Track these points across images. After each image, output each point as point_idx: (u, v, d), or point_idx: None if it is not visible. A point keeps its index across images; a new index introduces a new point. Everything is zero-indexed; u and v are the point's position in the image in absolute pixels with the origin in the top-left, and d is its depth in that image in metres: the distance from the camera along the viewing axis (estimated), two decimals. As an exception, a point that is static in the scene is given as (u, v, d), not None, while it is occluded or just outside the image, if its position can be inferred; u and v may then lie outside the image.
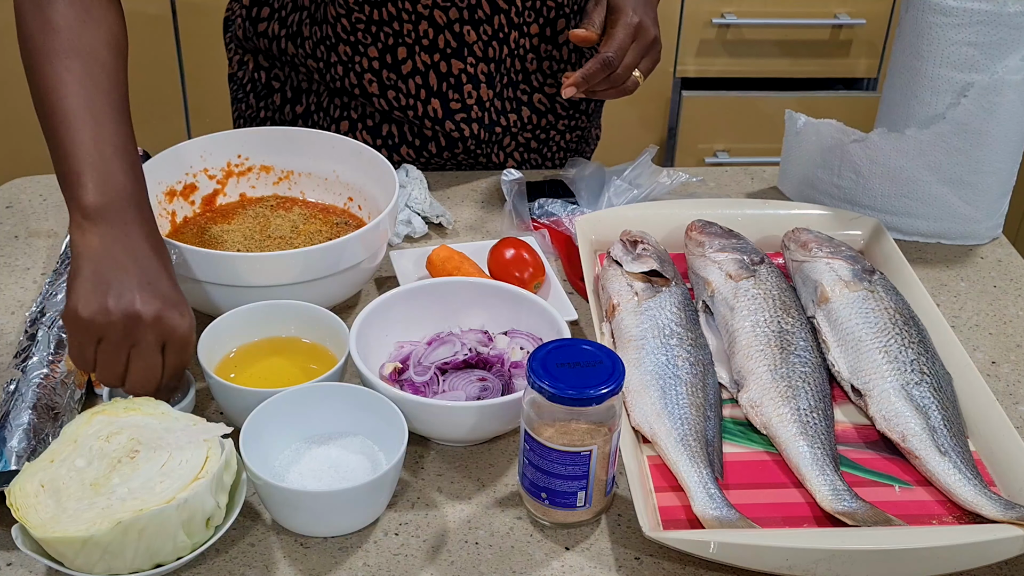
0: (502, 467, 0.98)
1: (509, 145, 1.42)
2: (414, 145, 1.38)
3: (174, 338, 0.91)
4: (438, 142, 1.37)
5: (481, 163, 1.42)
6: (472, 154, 1.40)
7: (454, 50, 1.30)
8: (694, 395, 0.99)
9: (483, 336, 1.04)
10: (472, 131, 1.36)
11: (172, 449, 0.87)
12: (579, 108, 1.44)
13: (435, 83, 1.31)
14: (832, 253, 1.14)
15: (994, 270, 1.27)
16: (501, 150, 1.42)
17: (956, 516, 0.92)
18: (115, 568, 0.82)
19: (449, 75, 1.31)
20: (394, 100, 1.33)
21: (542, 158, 1.46)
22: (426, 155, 1.39)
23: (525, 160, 1.45)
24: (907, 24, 1.25)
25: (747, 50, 2.50)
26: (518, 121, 1.39)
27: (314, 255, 1.05)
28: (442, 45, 1.29)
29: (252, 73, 1.41)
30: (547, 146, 1.45)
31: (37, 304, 1.06)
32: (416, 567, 0.88)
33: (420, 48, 1.29)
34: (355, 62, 1.31)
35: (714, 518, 0.88)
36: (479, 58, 1.31)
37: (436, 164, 1.40)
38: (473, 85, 1.32)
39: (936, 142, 1.24)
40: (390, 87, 1.32)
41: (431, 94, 1.32)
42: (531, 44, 1.34)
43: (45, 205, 1.33)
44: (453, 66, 1.30)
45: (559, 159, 1.48)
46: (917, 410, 0.98)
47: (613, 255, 1.15)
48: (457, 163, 1.41)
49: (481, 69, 1.32)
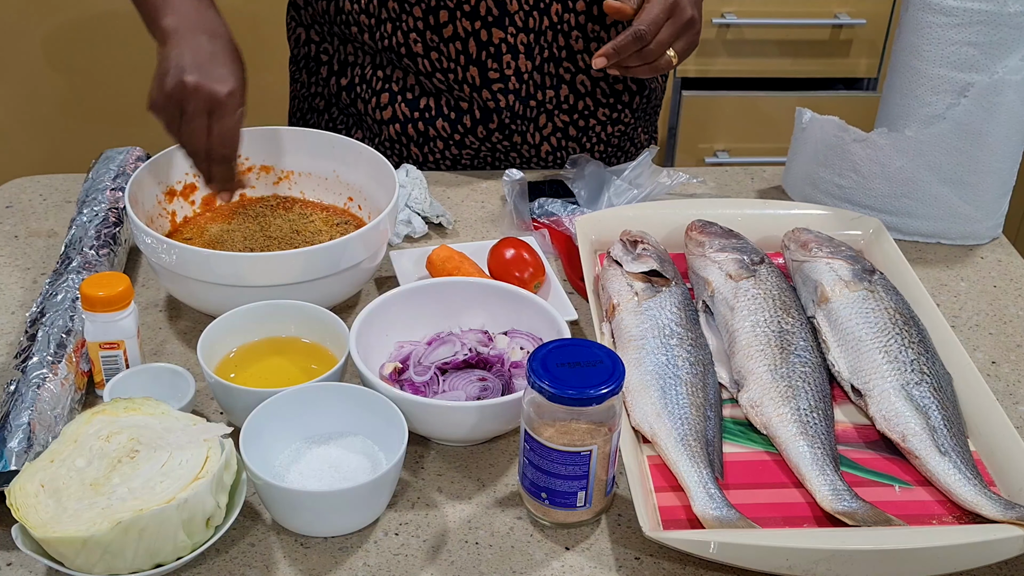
0: (502, 467, 0.98)
1: (546, 127, 1.41)
2: (450, 119, 1.38)
3: (213, 104, 1.06)
4: (473, 115, 1.38)
5: (516, 144, 1.41)
6: (507, 131, 1.39)
7: (495, 18, 1.30)
8: (694, 395, 0.99)
9: (483, 336, 1.04)
10: (508, 102, 1.36)
11: (172, 449, 0.87)
12: (621, 99, 1.43)
13: (475, 51, 1.32)
14: (832, 253, 1.14)
15: (994, 270, 1.27)
16: (538, 131, 1.41)
17: (956, 516, 0.92)
18: (115, 568, 0.82)
19: (489, 43, 1.32)
20: (436, 62, 1.34)
21: (581, 149, 1.45)
22: (461, 130, 1.39)
23: (563, 147, 1.44)
24: (907, 24, 1.25)
25: (747, 50, 2.50)
26: (554, 98, 1.39)
27: (314, 255, 1.05)
28: (483, 12, 1.30)
29: (303, 48, 1.44)
30: (586, 135, 1.44)
31: (37, 304, 1.06)
32: (416, 567, 0.88)
33: (461, 14, 1.30)
34: (402, 20, 1.32)
35: (714, 518, 0.88)
36: (519, 28, 1.32)
37: (471, 142, 1.40)
38: (512, 55, 1.33)
39: (936, 142, 1.24)
40: (433, 48, 1.33)
41: (470, 61, 1.33)
42: (576, 21, 1.34)
43: (45, 205, 1.33)
44: (494, 35, 1.31)
45: (599, 153, 1.46)
46: (917, 410, 0.98)
47: (613, 255, 1.15)
48: (492, 145, 1.41)
49: (521, 39, 1.32)
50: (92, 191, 1.22)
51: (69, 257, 1.11)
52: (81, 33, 2.35)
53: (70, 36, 2.35)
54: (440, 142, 1.40)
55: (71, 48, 2.36)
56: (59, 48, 2.37)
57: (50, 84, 2.40)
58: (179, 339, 1.12)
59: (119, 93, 2.34)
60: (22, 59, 2.37)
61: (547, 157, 1.44)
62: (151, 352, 1.10)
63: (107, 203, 1.20)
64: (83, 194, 1.23)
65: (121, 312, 0.99)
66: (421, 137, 1.39)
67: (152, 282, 1.20)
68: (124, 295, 0.98)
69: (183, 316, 1.15)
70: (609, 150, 1.47)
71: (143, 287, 1.19)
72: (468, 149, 1.41)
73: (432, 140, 1.40)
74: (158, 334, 1.12)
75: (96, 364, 1.01)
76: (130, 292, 0.99)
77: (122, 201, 1.20)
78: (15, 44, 2.36)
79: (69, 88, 2.41)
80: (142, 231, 1.06)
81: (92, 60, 2.37)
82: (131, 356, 1.01)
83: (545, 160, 1.44)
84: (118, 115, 2.40)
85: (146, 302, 1.17)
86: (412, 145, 1.40)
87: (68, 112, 2.43)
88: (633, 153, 1.51)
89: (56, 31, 2.36)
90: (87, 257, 1.11)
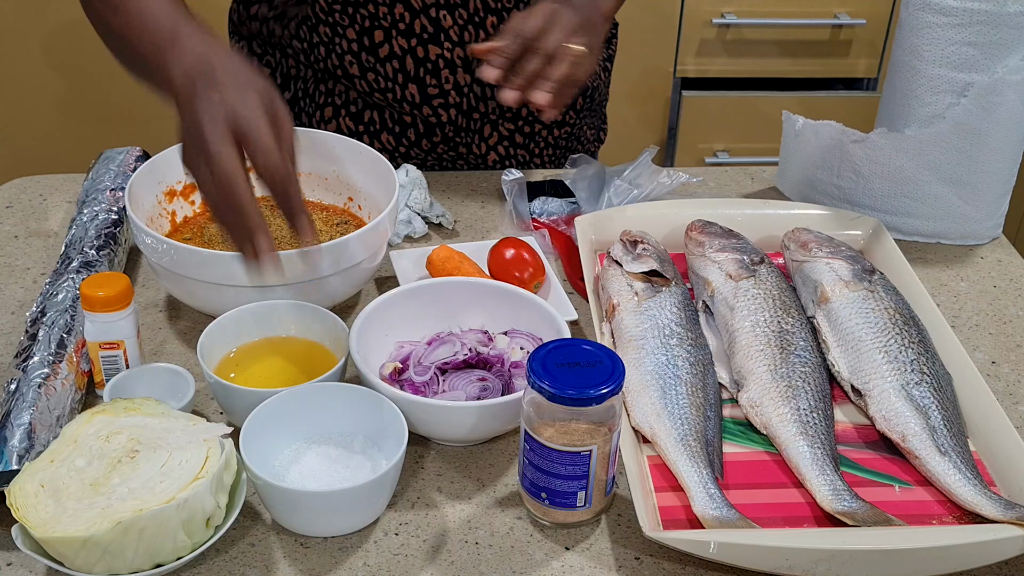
0: (502, 467, 0.98)
1: (491, 136, 1.41)
2: (394, 132, 1.38)
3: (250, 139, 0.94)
4: (417, 128, 1.37)
5: (462, 154, 1.41)
6: (452, 143, 1.39)
7: (431, 35, 1.30)
8: (694, 395, 0.99)
9: (483, 336, 1.04)
10: (450, 116, 1.36)
11: (172, 449, 0.87)
12: None
13: (412, 68, 1.32)
14: (832, 253, 1.14)
15: (994, 270, 1.27)
16: (483, 141, 1.41)
17: (956, 516, 0.92)
18: (115, 568, 0.82)
19: (426, 60, 1.31)
20: (373, 82, 1.33)
21: (529, 154, 1.45)
22: (406, 143, 1.38)
23: (511, 155, 1.44)
24: (907, 24, 1.25)
25: (747, 50, 2.50)
26: (496, 108, 1.39)
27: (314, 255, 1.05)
28: (418, 30, 1.30)
29: None
30: (534, 141, 1.44)
31: (37, 304, 1.06)
32: (416, 567, 0.88)
33: (396, 32, 1.30)
34: (335, 43, 1.32)
35: (714, 518, 0.88)
36: (455, 43, 1.31)
37: (416, 154, 1.40)
38: (450, 70, 1.32)
39: (936, 142, 1.24)
40: (369, 69, 1.32)
41: (408, 79, 1.33)
42: None
43: (45, 205, 1.33)
44: (430, 51, 1.31)
45: (548, 156, 1.47)
46: (917, 410, 0.98)
47: (613, 255, 1.15)
48: (438, 155, 1.41)
49: (457, 54, 1.32)
50: (92, 191, 1.22)
51: (69, 257, 1.11)
52: (81, 33, 2.34)
53: (70, 36, 2.35)
54: (386, 154, 1.38)
55: (71, 48, 2.36)
56: (59, 48, 2.37)
57: (50, 84, 2.40)
58: (179, 339, 1.12)
59: (119, 93, 2.34)
60: (22, 59, 2.37)
61: (494, 165, 1.44)
62: (151, 352, 1.10)
63: (107, 203, 1.20)
64: (83, 194, 1.23)
65: (121, 312, 0.99)
66: None
67: (152, 282, 1.20)
68: (124, 295, 0.98)
69: (183, 316, 1.15)
70: (557, 152, 1.47)
71: (143, 287, 1.19)
72: (414, 160, 1.41)
73: (381, 153, 1.37)
74: (158, 334, 1.12)
75: (96, 364, 1.01)
76: (130, 292, 0.99)
77: (122, 201, 1.20)
78: (15, 44, 2.36)
79: (69, 88, 2.41)
80: (142, 231, 1.06)
81: (92, 60, 2.36)
82: (131, 356, 1.01)
83: (492, 167, 1.44)
84: (118, 115, 2.40)
85: (146, 302, 1.17)
86: None
87: (68, 112, 2.43)
88: (585, 151, 1.50)
89: (56, 31, 2.36)
90: (87, 257, 1.11)
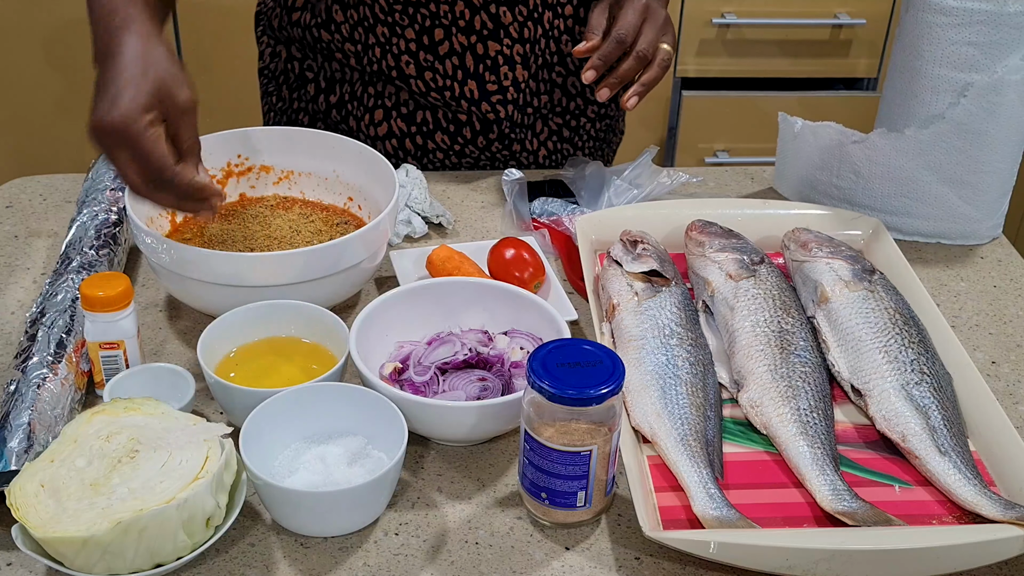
0: (502, 467, 0.98)
1: (542, 132, 1.43)
2: (448, 131, 1.38)
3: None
4: (473, 126, 1.38)
5: (515, 152, 1.42)
6: (506, 140, 1.40)
7: (490, 31, 1.31)
8: (694, 395, 0.99)
9: (483, 336, 1.04)
10: (507, 112, 1.36)
11: (172, 449, 0.87)
12: None
13: (472, 65, 1.32)
14: (832, 253, 1.14)
15: (994, 270, 1.27)
16: (535, 136, 1.42)
17: (956, 516, 0.92)
18: (115, 568, 0.82)
19: (486, 56, 1.32)
20: (431, 81, 1.34)
21: (573, 148, 1.46)
22: (461, 141, 1.39)
23: (558, 149, 1.45)
24: (907, 24, 1.25)
25: (747, 50, 2.50)
26: (549, 102, 1.40)
27: (314, 255, 1.05)
28: (478, 26, 1.30)
29: (285, 64, 1.43)
30: (578, 135, 1.46)
31: (37, 304, 1.06)
32: (416, 567, 0.88)
33: (456, 29, 1.30)
34: (392, 43, 1.32)
35: (714, 518, 0.88)
36: (515, 39, 1.32)
37: (470, 153, 1.41)
38: (509, 66, 1.33)
39: (936, 142, 1.24)
40: (427, 68, 1.33)
41: (467, 75, 1.33)
42: (565, 25, 1.35)
43: (45, 205, 1.33)
44: (490, 48, 1.31)
45: (589, 149, 1.48)
46: (917, 410, 0.98)
47: (613, 255, 1.15)
48: (491, 154, 1.41)
49: (517, 50, 1.33)
50: (92, 191, 1.22)
51: (69, 257, 1.11)
52: (81, 33, 2.34)
53: (70, 36, 2.35)
54: (440, 153, 1.40)
55: (71, 48, 2.36)
56: (59, 48, 2.37)
57: (50, 84, 2.40)
58: (179, 339, 1.12)
59: (119, 93, 2.34)
60: (22, 59, 2.37)
61: (544, 161, 1.45)
62: (151, 352, 1.10)
63: (107, 203, 1.20)
64: (83, 194, 1.23)
65: (121, 312, 0.99)
66: (419, 150, 1.40)
67: (152, 282, 1.20)
68: (124, 295, 0.98)
69: (183, 316, 1.15)
70: (598, 144, 1.49)
71: (143, 287, 1.19)
72: (468, 158, 1.42)
73: (431, 152, 1.40)
74: (158, 334, 1.12)
75: (96, 364, 1.01)
76: (130, 292, 0.99)
77: (122, 201, 1.20)
78: (15, 44, 2.36)
79: (69, 88, 2.41)
80: (142, 231, 1.06)
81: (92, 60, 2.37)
82: (131, 356, 1.01)
83: (543, 164, 1.45)
84: (118, 115, 2.40)
85: (146, 302, 1.17)
86: (409, 158, 1.41)
87: (68, 112, 2.43)
88: (615, 143, 1.54)
89: (56, 31, 2.36)
90: (87, 257, 1.11)
